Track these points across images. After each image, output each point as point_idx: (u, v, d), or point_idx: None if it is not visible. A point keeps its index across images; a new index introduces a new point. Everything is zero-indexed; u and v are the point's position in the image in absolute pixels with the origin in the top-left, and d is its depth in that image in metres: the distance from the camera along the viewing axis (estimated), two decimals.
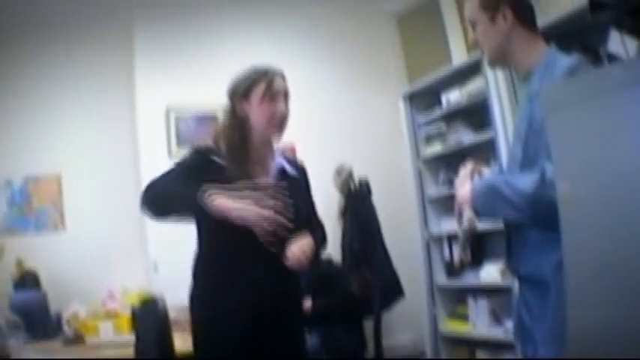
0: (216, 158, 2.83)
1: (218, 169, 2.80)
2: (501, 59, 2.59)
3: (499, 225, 5.19)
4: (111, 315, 5.46)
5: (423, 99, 6.33)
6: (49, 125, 6.50)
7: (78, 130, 6.61)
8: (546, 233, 2.28)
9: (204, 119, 6.35)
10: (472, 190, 2.47)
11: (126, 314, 5.16)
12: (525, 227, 2.41)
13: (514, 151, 2.51)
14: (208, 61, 6.70)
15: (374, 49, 7.51)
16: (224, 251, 2.79)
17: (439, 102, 6.05)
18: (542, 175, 2.21)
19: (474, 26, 2.60)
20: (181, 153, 3.11)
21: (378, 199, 6.46)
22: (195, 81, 6.56)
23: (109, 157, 6.58)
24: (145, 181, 2.86)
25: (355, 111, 7.31)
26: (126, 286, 5.91)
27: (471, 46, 2.69)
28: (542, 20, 2.57)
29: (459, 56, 6.35)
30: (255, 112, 2.84)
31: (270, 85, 2.84)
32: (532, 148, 2.37)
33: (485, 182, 2.47)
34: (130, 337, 4.23)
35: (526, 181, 2.27)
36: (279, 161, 2.99)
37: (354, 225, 6.39)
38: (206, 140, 2.98)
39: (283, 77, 2.94)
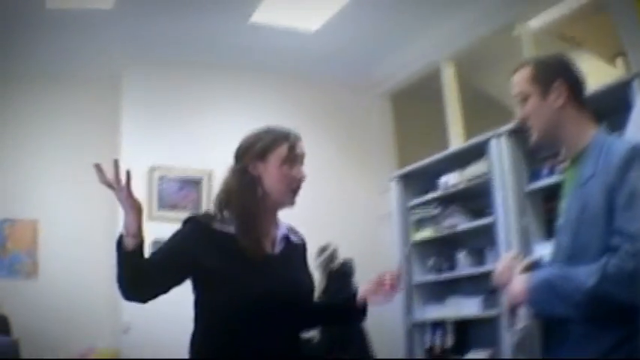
0: (218, 226, 2.53)
1: (223, 238, 2.50)
2: (550, 138, 2.37)
3: (486, 312, 5.17)
4: None
5: (417, 181, 6.16)
6: (31, 173, 6.36)
7: (59, 181, 6.45)
8: (589, 326, 2.10)
9: (188, 183, 6.17)
10: (528, 287, 2.21)
11: None
12: (569, 321, 2.17)
13: (561, 241, 2.28)
14: (195, 124, 6.56)
15: (366, 127, 7.40)
16: (226, 329, 2.48)
17: (433, 185, 5.86)
18: (604, 268, 2.01)
19: (523, 100, 2.38)
20: (162, 215, 2.78)
21: (361, 281, 6.24)
22: (180, 143, 6.38)
23: (88, 212, 6.41)
24: None
25: (344, 190, 7.16)
26: (96, 344, 5.77)
27: (519, 123, 2.45)
28: None
29: (457, 140, 6.26)
30: (273, 174, 2.59)
31: (293, 147, 2.62)
32: (584, 238, 2.16)
33: (541, 278, 2.21)
34: None
35: (586, 276, 2.05)
36: (284, 229, 2.73)
37: None
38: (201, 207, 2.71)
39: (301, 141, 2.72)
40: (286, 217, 6.27)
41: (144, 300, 2.43)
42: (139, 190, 6.13)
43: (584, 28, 5.66)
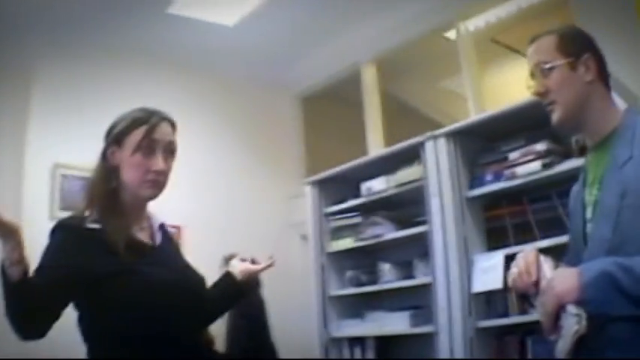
0: (92, 225, 2.20)
1: (101, 237, 2.16)
2: (576, 117, 2.12)
3: (415, 329, 4.89)
4: None
5: (335, 187, 5.82)
6: None
7: None
8: (636, 329, 1.82)
9: None
10: (580, 282, 1.86)
11: None
12: (612, 324, 1.86)
13: (599, 233, 2.00)
14: (106, 119, 6.09)
15: (279, 129, 7.15)
16: (128, 333, 2.15)
17: (353, 192, 5.54)
18: None
19: (544, 72, 2.13)
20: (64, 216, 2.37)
21: (272, 295, 5.91)
22: (89, 139, 5.91)
23: None
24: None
25: (253, 197, 6.91)
26: None
27: (538, 96, 2.19)
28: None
29: (377, 145, 6.05)
30: (127, 163, 2.29)
31: (150, 132, 2.28)
32: (627, 226, 1.89)
33: (599, 270, 1.86)
34: None
35: None
36: (158, 219, 2.46)
37: (242, 319, 5.87)
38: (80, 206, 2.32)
39: (173, 125, 2.38)
40: (189, 221, 5.87)
41: (41, 333, 2.03)
42: (43, 188, 5.72)
43: (522, 34, 5.57)
